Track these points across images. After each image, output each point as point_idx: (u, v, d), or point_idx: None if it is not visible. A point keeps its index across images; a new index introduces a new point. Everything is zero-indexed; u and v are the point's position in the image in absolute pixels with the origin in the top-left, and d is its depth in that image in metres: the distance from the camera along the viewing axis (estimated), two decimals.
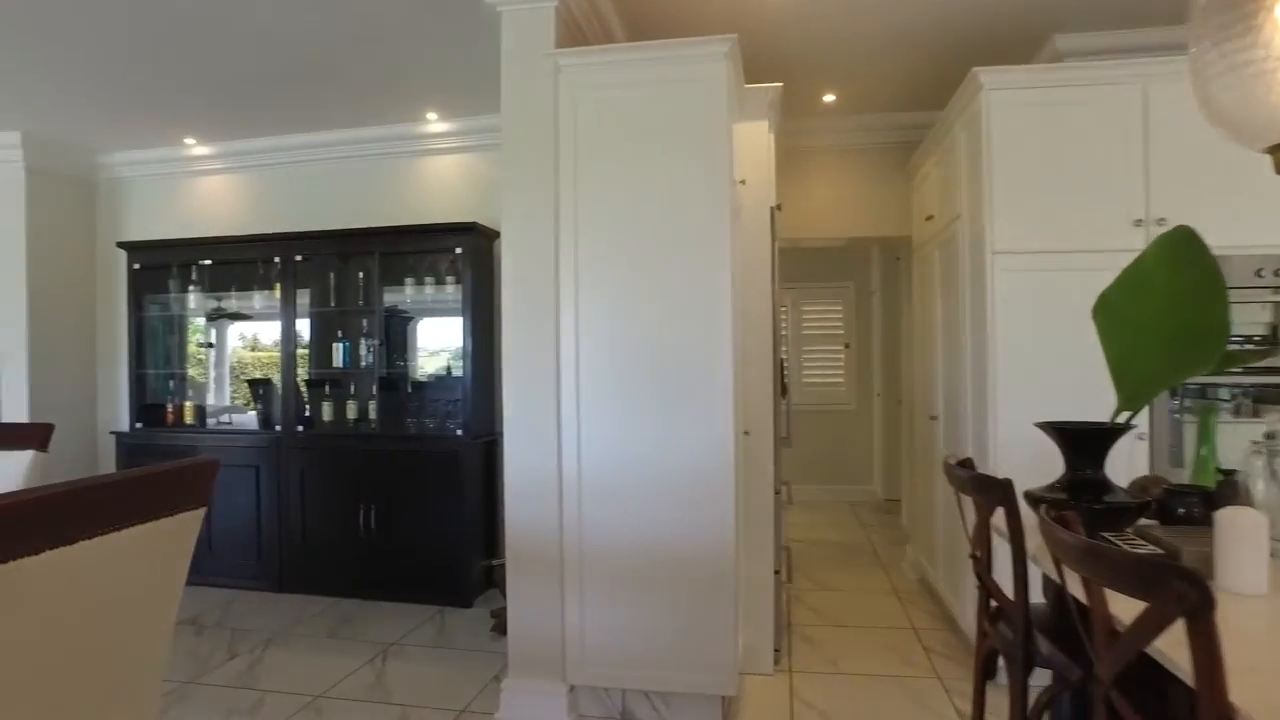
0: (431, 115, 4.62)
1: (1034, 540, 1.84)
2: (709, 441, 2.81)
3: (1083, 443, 1.88)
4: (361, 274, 4.68)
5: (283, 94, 4.24)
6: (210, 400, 5.17)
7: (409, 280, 4.61)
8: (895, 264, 6.01)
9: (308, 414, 4.75)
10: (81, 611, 1.11)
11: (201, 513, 1.28)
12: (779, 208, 3.61)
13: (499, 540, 4.38)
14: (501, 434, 3.07)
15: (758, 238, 3.40)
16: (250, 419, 5.00)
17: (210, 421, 5.01)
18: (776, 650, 3.35)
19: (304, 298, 4.75)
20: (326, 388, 4.84)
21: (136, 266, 4.87)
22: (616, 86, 2.90)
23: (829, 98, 4.52)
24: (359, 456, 4.48)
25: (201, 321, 5.15)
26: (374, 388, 4.63)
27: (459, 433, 4.39)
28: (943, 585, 3.94)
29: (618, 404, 2.88)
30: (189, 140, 4.99)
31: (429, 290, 4.61)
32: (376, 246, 4.56)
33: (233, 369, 5.34)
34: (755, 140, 3.39)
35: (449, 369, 4.75)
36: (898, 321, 6.08)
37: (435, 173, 4.86)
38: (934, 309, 4.12)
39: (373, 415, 4.62)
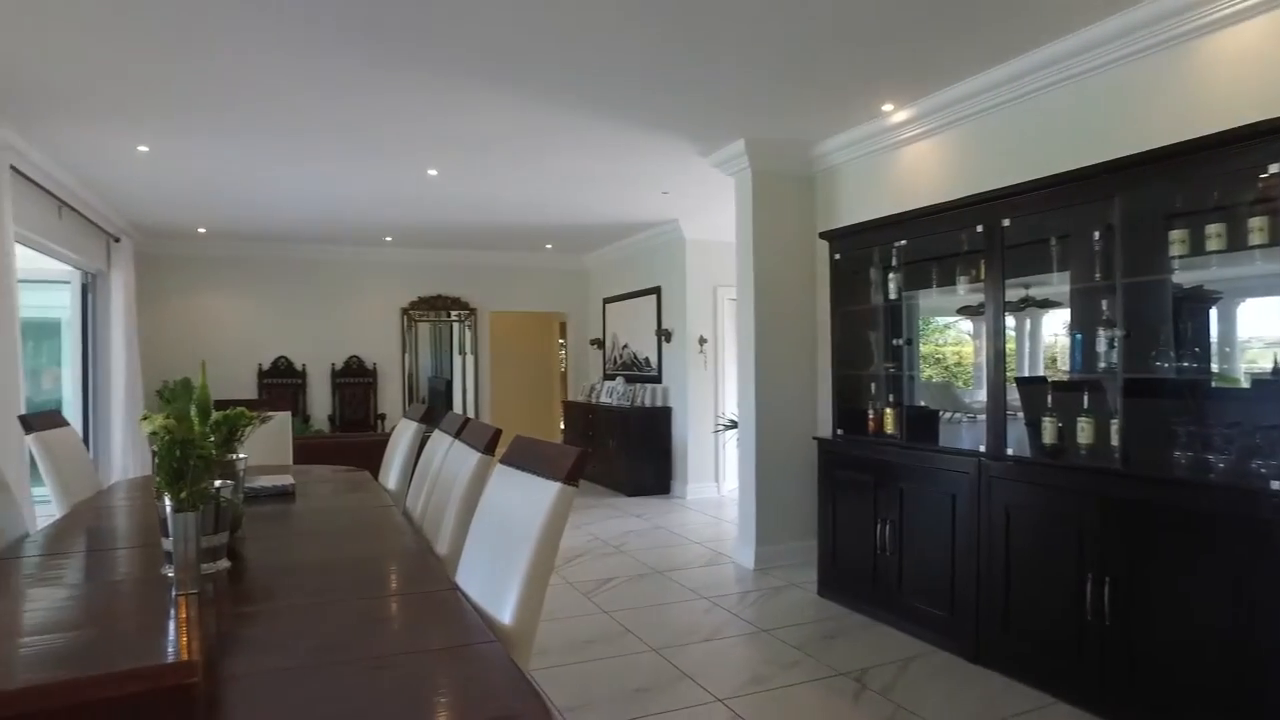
0: None
1: None
2: None
3: None
4: (1096, 233, 3.22)
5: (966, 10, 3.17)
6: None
7: (1173, 231, 2.93)
8: None
9: (1045, 434, 3.46)
10: None
11: None
12: None
13: None
14: None
15: None
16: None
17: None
18: None
19: (1021, 276, 3.55)
20: (1048, 398, 3.52)
21: (836, 257, 4.43)
22: None
23: None
24: (1089, 501, 3.04)
25: (904, 312, 4.35)
26: (1118, 400, 3.10)
27: (1276, 484, 2.55)
28: None
29: None
30: (886, 107, 4.31)
31: (1212, 244, 2.84)
32: (1114, 188, 3.05)
33: (941, 369, 4.44)
34: None
35: (1261, 372, 2.87)
36: None
37: (1217, 59, 3.02)
38: None
39: (1114, 441, 3.10)
